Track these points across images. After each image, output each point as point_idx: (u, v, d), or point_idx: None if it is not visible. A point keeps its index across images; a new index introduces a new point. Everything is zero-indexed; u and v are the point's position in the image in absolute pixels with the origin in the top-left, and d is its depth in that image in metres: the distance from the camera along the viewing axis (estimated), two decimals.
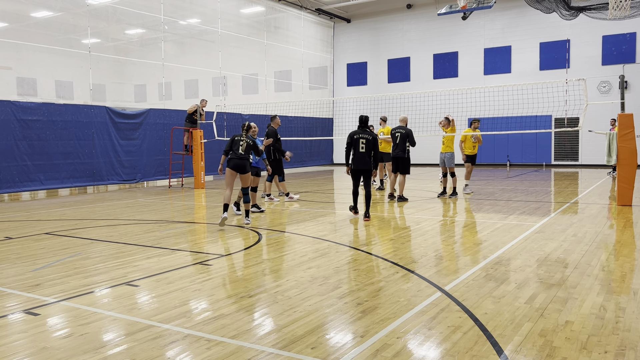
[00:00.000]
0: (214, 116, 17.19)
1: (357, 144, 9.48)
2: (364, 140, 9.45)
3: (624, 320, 4.12)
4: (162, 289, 5.19)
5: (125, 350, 3.69)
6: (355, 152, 9.51)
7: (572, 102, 19.99)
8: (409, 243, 7.38)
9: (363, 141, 9.45)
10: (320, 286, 5.19)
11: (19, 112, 14.09)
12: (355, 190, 9.83)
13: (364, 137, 9.47)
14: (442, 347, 3.66)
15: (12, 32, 15.74)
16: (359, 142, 9.46)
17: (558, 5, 16.60)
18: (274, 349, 3.65)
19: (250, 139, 9.04)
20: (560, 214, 9.78)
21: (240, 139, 8.98)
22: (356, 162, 9.51)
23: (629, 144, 10.60)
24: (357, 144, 9.47)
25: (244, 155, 8.90)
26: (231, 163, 8.83)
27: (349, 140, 9.57)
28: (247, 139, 8.99)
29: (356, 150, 9.49)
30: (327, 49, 28.87)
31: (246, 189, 9.12)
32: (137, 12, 18.31)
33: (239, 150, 8.89)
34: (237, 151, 8.88)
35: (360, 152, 9.46)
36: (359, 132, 9.57)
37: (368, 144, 9.45)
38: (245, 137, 8.99)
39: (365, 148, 9.44)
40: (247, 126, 9.24)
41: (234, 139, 9.04)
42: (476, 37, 25.37)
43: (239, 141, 8.94)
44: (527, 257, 6.36)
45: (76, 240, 7.88)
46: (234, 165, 8.82)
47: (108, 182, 16.47)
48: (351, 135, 9.58)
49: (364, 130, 9.56)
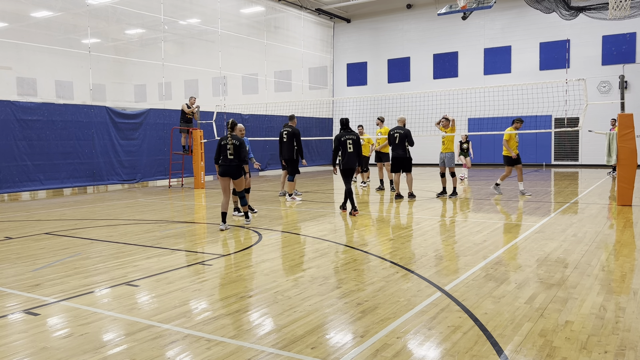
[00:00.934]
0: (214, 116, 17.18)
1: (344, 145, 10.09)
2: (351, 140, 10.09)
3: (624, 320, 4.12)
4: (162, 289, 5.19)
5: (125, 350, 3.69)
6: (344, 153, 10.10)
7: (572, 102, 19.99)
8: (409, 243, 7.38)
9: (350, 142, 10.08)
10: (320, 286, 5.19)
11: (19, 112, 14.09)
12: (349, 189, 10.27)
13: (350, 138, 10.10)
14: (442, 347, 3.66)
15: (12, 32, 15.74)
16: (347, 143, 10.08)
17: (558, 5, 16.61)
18: (274, 349, 3.65)
19: (237, 140, 8.58)
20: (560, 214, 9.78)
21: (226, 142, 8.57)
22: (346, 161, 10.10)
23: (629, 144, 10.60)
24: (345, 145, 10.09)
25: (234, 160, 8.54)
26: (222, 169, 8.57)
27: (337, 143, 10.17)
28: (234, 141, 8.53)
29: (345, 151, 10.09)
30: (327, 49, 28.87)
31: (242, 192, 8.96)
32: (137, 12, 18.31)
33: (227, 155, 8.57)
34: (227, 157, 8.56)
35: (349, 152, 10.08)
36: (344, 134, 10.15)
37: (354, 143, 10.10)
38: (231, 140, 8.53)
39: (352, 148, 10.08)
40: (232, 124, 8.74)
41: (221, 143, 8.63)
42: (476, 37, 25.37)
43: (226, 145, 8.56)
44: (527, 257, 6.36)
45: (76, 240, 7.88)
46: (224, 171, 8.57)
47: (108, 182, 16.47)
48: (338, 138, 10.17)
49: (348, 132, 10.16)
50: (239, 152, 8.51)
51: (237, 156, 8.54)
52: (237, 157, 8.54)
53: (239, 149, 8.52)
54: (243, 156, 8.56)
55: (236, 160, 8.53)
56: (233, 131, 8.73)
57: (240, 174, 8.63)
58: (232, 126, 8.75)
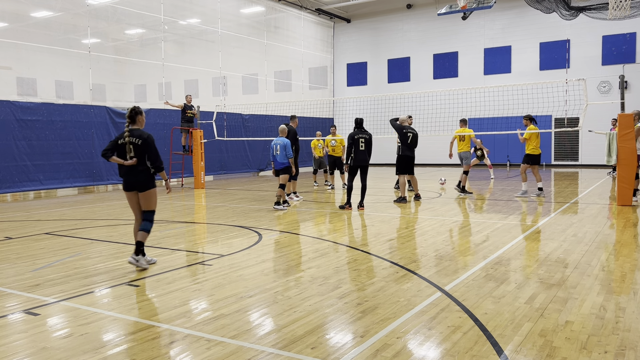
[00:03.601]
0: (213, 116, 17.19)
1: (357, 143, 10.57)
2: (363, 139, 10.58)
3: (624, 320, 4.12)
4: (162, 289, 5.19)
5: (125, 350, 3.69)
6: (355, 150, 10.56)
7: (572, 102, 19.99)
8: (409, 243, 7.38)
9: (362, 140, 10.57)
10: (320, 286, 5.19)
11: (19, 112, 14.09)
12: (350, 186, 10.95)
13: (363, 137, 10.60)
14: (442, 347, 3.66)
15: (12, 32, 15.73)
16: (359, 141, 10.56)
17: (558, 5, 16.61)
18: (274, 349, 3.65)
19: (137, 136, 5.94)
20: (560, 214, 9.78)
21: (123, 141, 5.94)
22: (356, 159, 10.55)
23: (629, 144, 10.60)
24: (358, 142, 10.57)
25: (140, 166, 5.95)
26: (123, 181, 6.08)
27: (350, 141, 10.63)
28: (134, 139, 5.91)
29: (357, 149, 10.56)
30: (327, 49, 28.87)
31: (149, 214, 6.09)
32: (137, 12, 18.30)
33: (127, 158, 5.96)
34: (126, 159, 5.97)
35: (361, 149, 10.57)
36: (358, 132, 10.65)
37: (366, 142, 10.61)
38: (129, 136, 5.91)
39: (364, 146, 10.58)
40: (132, 112, 6.05)
41: (118, 142, 5.99)
42: (476, 37, 25.37)
43: (124, 145, 5.95)
44: (527, 257, 6.36)
45: (76, 240, 7.88)
46: (126, 183, 6.04)
47: (108, 182, 16.48)
48: (352, 136, 10.64)
49: (362, 131, 10.67)
50: (142, 153, 5.94)
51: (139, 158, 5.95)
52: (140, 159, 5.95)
53: (144, 149, 5.95)
54: (153, 159, 5.96)
55: (142, 166, 5.97)
56: (134, 124, 6.05)
57: (149, 184, 6.01)
58: (132, 116, 6.06)
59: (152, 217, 6.12)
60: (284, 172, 11.07)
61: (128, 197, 6.13)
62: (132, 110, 6.06)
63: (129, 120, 6.04)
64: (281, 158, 11.00)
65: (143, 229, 6.03)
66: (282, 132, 11.36)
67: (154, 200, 6.12)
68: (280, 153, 10.99)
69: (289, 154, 10.94)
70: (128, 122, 6.04)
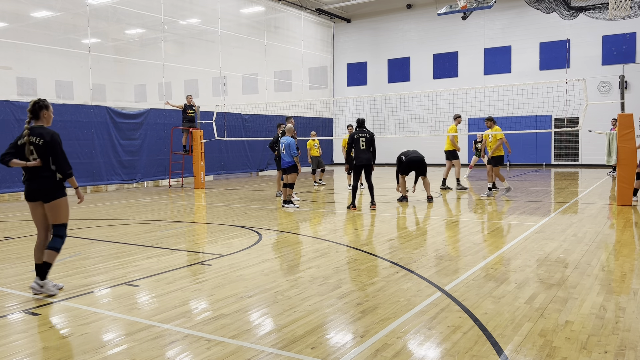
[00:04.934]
0: (213, 116, 17.18)
1: (357, 142, 10.56)
2: (364, 138, 10.56)
3: (624, 320, 4.12)
4: (162, 289, 5.19)
5: (125, 350, 3.69)
6: (356, 150, 10.54)
7: (572, 102, 19.98)
8: (409, 243, 7.38)
9: (363, 139, 10.55)
10: (320, 286, 5.19)
11: (19, 112, 14.07)
12: (355, 186, 10.80)
13: (364, 136, 10.57)
14: (442, 347, 3.66)
15: (12, 32, 15.73)
16: (360, 140, 10.55)
17: (558, 5, 16.60)
18: (274, 349, 3.65)
19: (38, 135, 4.92)
20: (560, 214, 9.78)
21: (23, 141, 4.94)
22: (358, 158, 10.53)
23: (629, 144, 10.60)
24: (358, 142, 10.56)
25: (43, 171, 4.97)
26: (25, 188, 5.07)
27: (350, 141, 10.67)
28: (33, 138, 4.90)
29: (357, 148, 10.54)
30: (327, 49, 28.87)
31: (59, 228, 5.09)
32: (137, 12, 18.30)
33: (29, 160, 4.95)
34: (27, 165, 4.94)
35: (361, 149, 10.54)
36: (358, 132, 10.64)
37: (367, 141, 10.57)
38: (28, 135, 4.91)
39: (365, 145, 10.54)
40: (34, 105, 4.98)
41: (17, 143, 4.98)
42: (476, 37, 25.37)
43: (23, 145, 4.94)
44: (527, 257, 6.36)
45: (76, 240, 7.87)
46: (28, 192, 5.03)
47: (108, 182, 16.47)
48: (352, 136, 10.68)
49: (362, 130, 10.64)
50: (46, 156, 4.94)
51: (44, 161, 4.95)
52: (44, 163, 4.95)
53: (47, 150, 4.92)
54: (59, 163, 4.97)
55: (47, 171, 4.97)
56: (37, 120, 5.03)
57: (56, 193, 5.03)
58: (34, 111, 5.00)
59: (63, 232, 5.09)
60: (290, 171, 11.12)
61: (31, 208, 5.08)
62: (35, 104, 4.98)
63: (30, 115, 4.98)
64: (287, 157, 11.07)
65: (52, 247, 5.00)
66: (288, 131, 11.38)
67: (65, 212, 5.11)
68: (285, 152, 11.06)
69: (293, 152, 10.97)
70: (30, 117, 4.98)
